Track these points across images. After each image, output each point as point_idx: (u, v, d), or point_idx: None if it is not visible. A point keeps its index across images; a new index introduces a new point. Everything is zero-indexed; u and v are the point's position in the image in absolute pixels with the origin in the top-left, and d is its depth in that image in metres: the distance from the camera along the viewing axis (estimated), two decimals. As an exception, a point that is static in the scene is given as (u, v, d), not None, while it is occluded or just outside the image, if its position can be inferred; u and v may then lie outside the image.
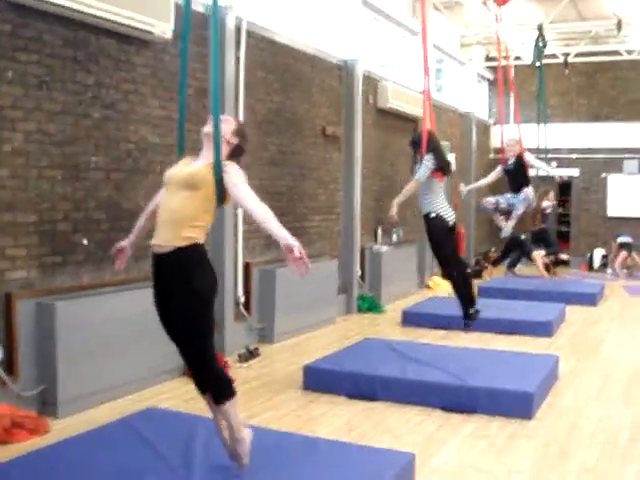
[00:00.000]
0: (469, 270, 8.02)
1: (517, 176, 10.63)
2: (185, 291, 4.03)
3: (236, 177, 4.15)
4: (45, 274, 6.03)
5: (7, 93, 5.63)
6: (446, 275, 7.83)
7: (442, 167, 7.35)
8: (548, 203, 13.73)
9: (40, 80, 5.91)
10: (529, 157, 10.84)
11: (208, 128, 4.27)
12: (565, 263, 16.27)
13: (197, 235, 4.10)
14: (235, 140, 4.38)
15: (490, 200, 10.98)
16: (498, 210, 11.05)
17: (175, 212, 4.08)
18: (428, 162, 7.26)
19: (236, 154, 4.45)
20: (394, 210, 7.48)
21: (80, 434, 4.98)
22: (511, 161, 10.63)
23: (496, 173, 11.08)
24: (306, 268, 3.77)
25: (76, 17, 6.05)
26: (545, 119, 12.99)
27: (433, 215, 7.30)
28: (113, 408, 6.07)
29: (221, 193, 4.14)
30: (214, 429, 4.35)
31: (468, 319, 7.64)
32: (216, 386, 4.19)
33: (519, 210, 10.69)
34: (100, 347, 6.10)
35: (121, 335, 6.33)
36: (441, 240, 7.37)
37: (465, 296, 7.56)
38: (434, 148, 7.35)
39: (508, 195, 10.86)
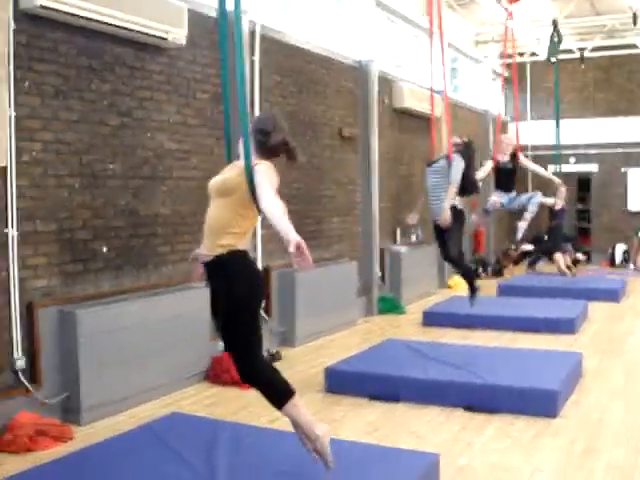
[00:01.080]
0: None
1: (511, 175, 10.40)
2: (228, 297, 4.06)
3: (260, 176, 4.09)
4: (66, 282, 6.06)
5: (24, 103, 5.67)
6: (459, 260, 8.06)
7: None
8: (553, 201, 13.47)
9: (56, 89, 5.95)
10: (523, 159, 10.60)
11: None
12: (577, 262, 16.01)
13: (235, 242, 4.11)
14: (263, 137, 4.33)
15: (497, 200, 10.65)
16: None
17: (213, 220, 4.15)
18: (460, 163, 7.56)
19: (275, 152, 4.48)
20: (447, 213, 7.56)
21: (104, 441, 4.99)
22: (506, 159, 10.39)
23: (487, 169, 10.85)
24: (308, 263, 3.64)
25: (90, 26, 6.09)
26: (558, 115, 12.91)
27: (460, 207, 7.69)
28: (136, 414, 6.09)
29: (254, 195, 4.07)
30: (237, 433, 4.35)
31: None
32: (267, 390, 4.17)
33: (532, 212, 10.51)
34: (121, 354, 6.12)
35: (142, 341, 6.35)
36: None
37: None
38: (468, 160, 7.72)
39: (512, 194, 10.50)
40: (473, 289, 8.02)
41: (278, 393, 4.16)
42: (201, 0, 7.52)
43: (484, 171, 10.56)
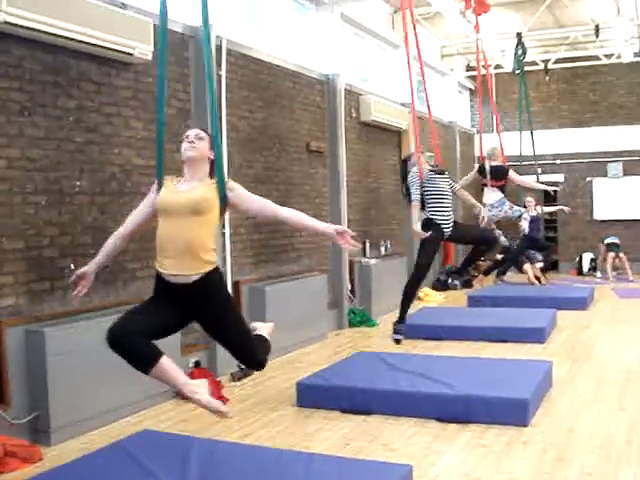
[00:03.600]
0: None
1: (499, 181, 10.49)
2: (222, 302, 4.36)
3: (247, 192, 4.42)
4: (33, 301, 6.00)
5: (-12, 120, 5.62)
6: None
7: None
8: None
9: (22, 106, 5.90)
10: (514, 175, 10.67)
11: (192, 152, 4.31)
12: (547, 270, 16.11)
13: (215, 257, 4.32)
14: (212, 155, 4.40)
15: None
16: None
17: (192, 240, 4.17)
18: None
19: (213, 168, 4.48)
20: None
21: (73, 460, 4.93)
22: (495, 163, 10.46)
23: (474, 174, 10.97)
24: (352, 242, 4.12)
25: (56, 42, 6.06)
26: (531, 126, 13.03)
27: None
28: (107, 433, 6.03)
29: (223, 212, 4.37)
30: (209, 449, 4.32)
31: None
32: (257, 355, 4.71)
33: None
34: (91, 372, 6.05)
35: (112, 359, 6.22)
36: None
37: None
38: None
39: (506, 206, 10.57)
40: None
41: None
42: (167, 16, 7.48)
43: (471, 176, 10.72)
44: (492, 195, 10.50)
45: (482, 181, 10.56)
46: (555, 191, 13.11)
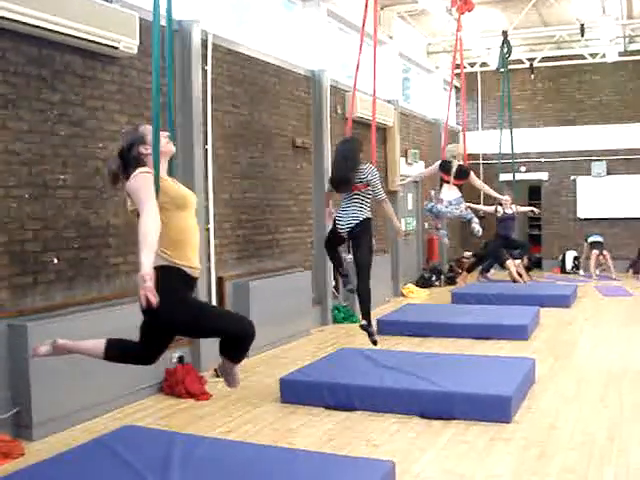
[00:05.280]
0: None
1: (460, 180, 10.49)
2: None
3: None
4: (15, 295, 5.96)
5: (-29, 113, 5.57)
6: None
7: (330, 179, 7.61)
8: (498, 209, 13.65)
9: (5, 99, 5.86)
10: (474, 178, 10.68)
11: (173, 147, 4.53)
12: (530, 269, 16.19)
13: None
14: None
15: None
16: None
17: (197, 233, 4.41)
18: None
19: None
20: None
21: (54, 456, 4.90)
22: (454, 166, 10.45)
23: (434, 168, 10.89)
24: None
25: (40, 34, 6.01)
26: (511, 125, 13.08)
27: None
28: (89, 428, 6.01)
29: None
30: (192, 445, 4.31)
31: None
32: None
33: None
34: (74, 367, 6.00)
35: (95, 354, 6.24)
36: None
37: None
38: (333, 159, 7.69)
39: (462, 206, 10.55)
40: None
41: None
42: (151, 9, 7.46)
43: (430, 170, 10.68)
44: (452, 193, 10.48)
45: (443, 177, 10.49)
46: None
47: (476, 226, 10.27)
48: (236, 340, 4.46)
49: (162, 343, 4.49)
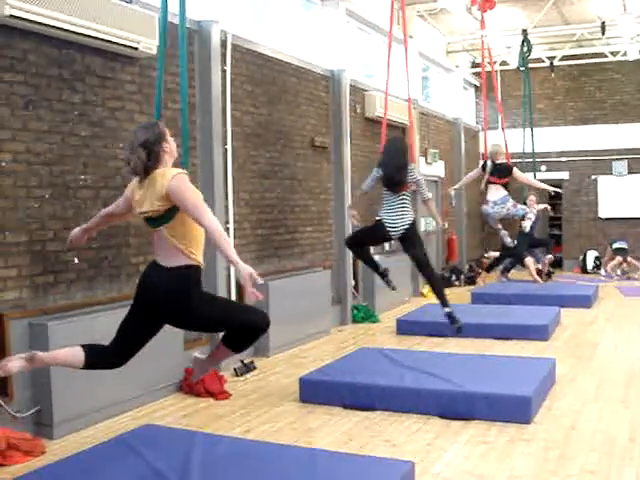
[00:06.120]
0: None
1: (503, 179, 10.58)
2: None
3: None
4: (37, 294, 6.00)
5: (-7, 114, 5.62)
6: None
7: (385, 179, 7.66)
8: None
9: (26, 100, 5.90)
10: (518, 173, 10.74)
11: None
12: (551, 272, 16.13)
13: None
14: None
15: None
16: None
17: None
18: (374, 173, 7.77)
19: None
20: None
21: (76, 454, 4.93)
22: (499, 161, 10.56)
23: (478, 170, 11.04)
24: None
25: (61, 36, 6.05)
26: (532, 123, 13.03)
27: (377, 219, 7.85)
28: (109, 427, 6.04)
29: None
30: (211, 444, 4.32)
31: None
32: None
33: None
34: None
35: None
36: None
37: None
38: (384, 159, 7.70)
39: (509, 204, 10.66)
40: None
41: None
42: (172, 10, 7.49)
43: (475, 172, 10.78)
44: (496, 193, 10.58)
45: (487, 179, 10.60)
46: (556, 191, 13.05)
47: (527, 222, 10.39)
48: (249, 331, 4.47)
49: (141, 342, 4.57)
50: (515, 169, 10.66)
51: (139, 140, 4.29)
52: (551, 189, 12.49)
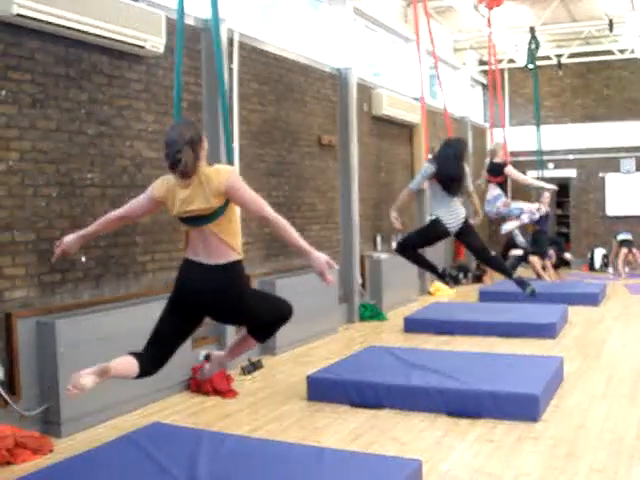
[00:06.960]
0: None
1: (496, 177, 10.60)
2: None
3: None
4: (44, 293, 6.01)
5: (1, 112, 5.62)
6: None
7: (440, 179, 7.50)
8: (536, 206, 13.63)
9: (33, 98, 5.91)
10: (510, 171, 10.67)
11: None
12: (567, 263, 16.17)
13: None
14: None
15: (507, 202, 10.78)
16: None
17: None
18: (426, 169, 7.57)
19: None
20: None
21: (84, 452, 4.94)
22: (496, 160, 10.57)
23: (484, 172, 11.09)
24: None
25: (68, 34, 6.06)
26: (539, 121, 12.99)
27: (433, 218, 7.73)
28: (117, 425, 6.05)
29: None
30: (219, 442, 4.32)
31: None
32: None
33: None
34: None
35: (122, 351, 6.25)
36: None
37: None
38: (445, 161, 7.48)
39: (498, 203, 10.67)
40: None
41: None
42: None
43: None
44: (491, 191, 10.56)
45: (485, 177, 10.64)
46: (553, 189, 13.00)
47: (511, 223, 10.36)
48: (278, 321, 4.83)
49: (178, 345, 4.64)
50: (508, 167, 10.59)
51: (185, 138, 4.15)
52: (548, 186, 12.42)
